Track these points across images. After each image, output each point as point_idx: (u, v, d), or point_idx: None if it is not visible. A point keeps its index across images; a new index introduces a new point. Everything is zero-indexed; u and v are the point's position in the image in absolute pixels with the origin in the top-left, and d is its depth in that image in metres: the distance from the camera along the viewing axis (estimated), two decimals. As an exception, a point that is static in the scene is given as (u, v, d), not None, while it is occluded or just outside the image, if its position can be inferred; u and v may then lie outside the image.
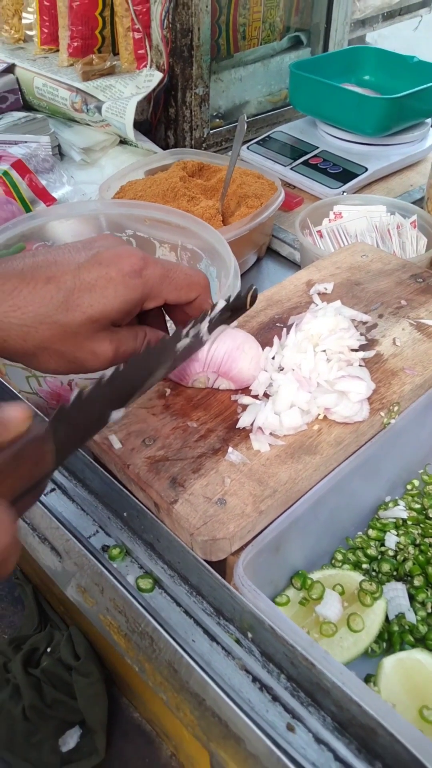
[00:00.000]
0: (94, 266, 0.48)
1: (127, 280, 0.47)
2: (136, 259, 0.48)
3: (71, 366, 0.49)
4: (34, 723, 0.73)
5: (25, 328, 0.46)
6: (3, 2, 1.30)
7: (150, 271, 0.49)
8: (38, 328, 0.46)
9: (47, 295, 0.46)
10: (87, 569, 0.49)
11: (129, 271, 0.48)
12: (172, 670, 0.44)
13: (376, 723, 0.39)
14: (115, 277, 0.47)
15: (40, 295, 0.46)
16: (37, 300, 0.46)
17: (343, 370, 0.55)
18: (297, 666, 0.43)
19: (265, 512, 0.48)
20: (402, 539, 0.59)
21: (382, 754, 0.40)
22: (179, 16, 1.04)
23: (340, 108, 1.15)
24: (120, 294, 0.47)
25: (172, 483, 0.49)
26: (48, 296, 0.46)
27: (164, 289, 0.50)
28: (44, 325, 0.46)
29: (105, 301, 0.47)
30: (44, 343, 0.47)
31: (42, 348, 0.47)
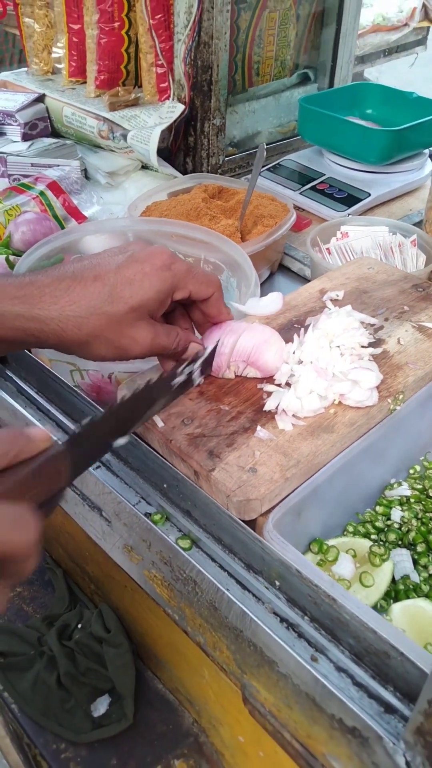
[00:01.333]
0: (132, 264, 0.57)
1: (159, 272, 0.57)
2: (165, 255, 0.58)
3: (117, 352, 0.58)
4: (68, 690, 0.79)
5: (80, 319, 0.55)
6: (34, 38, 1.41)
7: (177, 266, 0.59)
8: (90, 319, 0.56)
9: (95, 290, 0.56)
10: (136, 527, 0.56)
11: (160, 265, 0.57)
12: (212, 609, 0.52)
13: (389, 645, 0.46)
14: (149, 271, 0.57)
15: (90, 291, 0.56)
16: (88, 295, 0.56)
17: (355, 362, 0.64)
18: (320, 605, 0.50)
19: (290, 479, 0.56)
20: (406, 514, 0.66)
21: (393, 677, 0.47)
22: (201, 54, 1.15)
23: (345, 139, 1.25)
24: (154, 285, 0.57)
25: (209, 455, 0.57)
26: (96, 291, 0.56)
27: (189, 281, 0.60)
28: (95, 316, 0.56)
29: (142, 292, 0.56)
30: (95, 331, 0.56)
31: (93, 336, 0.56)
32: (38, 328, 0.55)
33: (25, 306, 0.55)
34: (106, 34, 1.26)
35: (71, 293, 0.56)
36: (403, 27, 3.04)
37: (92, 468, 0.63)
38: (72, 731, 0.78)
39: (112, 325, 0.56)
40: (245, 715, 0.61)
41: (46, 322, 0.55)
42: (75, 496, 0.63)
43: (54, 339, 0.56)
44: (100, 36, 1.26)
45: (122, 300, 0.56)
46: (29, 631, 0.85)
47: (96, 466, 0.64)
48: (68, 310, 0.55)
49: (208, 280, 0.62)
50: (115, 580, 0.77)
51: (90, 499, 0.61)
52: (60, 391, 0.69)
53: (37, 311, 0.54)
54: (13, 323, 0.55)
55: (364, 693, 0.48)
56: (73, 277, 0.57)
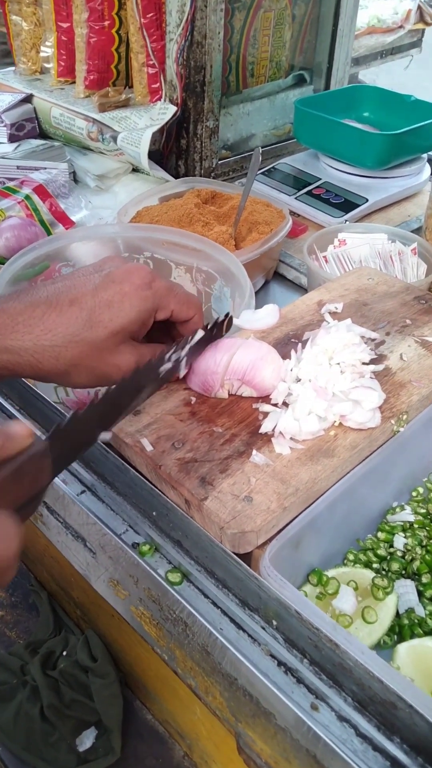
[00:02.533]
0: (109, 284, 0.53)
1: (139, 292, 0.53)
2: (144, 273, 0.55)
3: (98, 380, 0.54)
4: (52, 723, 0.75)
5: (57, 348, 0.51)
6: (21, 36, 1.36)
7: (157, 284, 0.55)
8: (68, 347, 0.51)
9: (72, 315, 0.52)
10: (122, 561, 0.52)
11: (140, 284, 0.53)
12: (204, 653, 0.48)
13: (396, 697, 0.42)
14: (129, 291, 0.53)
15: (67, 317, 0.51)
16: (64, 321, 0.51)
17: (356, 381, 0.60)
18: (320, 648, 0.46)
19: (288, 508, 0.52)
20: (410, 541, 0.63)
21: (400, 728, 0.44)
22: (193, 54, 1.11)
23: (342, 142, 1.21)
24: (135, 306, 0.53)
25: (201, 482, 0.53)
26: (73, 317, 0.52)
27: (171, 300, 0.56)
28: (73, 344, 0.51)
29: (123, 314, 0.52)
30: (74, 360, 0.52)
31: (72, 365, 0.52)
32: (11, 360, 0.51)
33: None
34: (95, 32, 1.22)
35: (46, 321, 0.51)
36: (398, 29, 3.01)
37: (76, 494, 0.59)
38: (56, 767, 0.73)
39: (92, 353, 0.52)
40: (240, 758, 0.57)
41: (20, 353, 0.51)
42: (58, 524, 0.59)
43: (30, 371, 0.52)
44: (90, 35, 1.22)
45: (101, 324, 0.52)
46: (12, 659, 0.80)
47: (81, 491, 0.60)
48: (44, 339, 0.51)
49: (189, 301, 0.58)
50: (101, 608, 0.73)
51: (73, 528, 0.57)
52: (42, 409, 0.65)
53: (9, 342, 0.50)
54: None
55: (368, 745, 0.44)
56: (48, 302, 0.52)
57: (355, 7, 1.35)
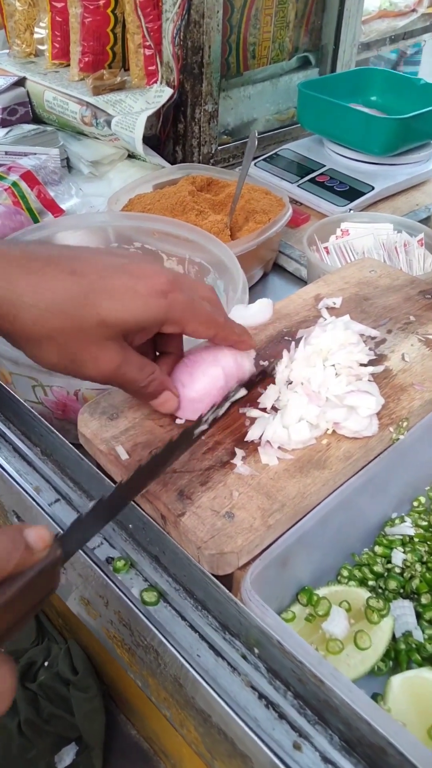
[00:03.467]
0: (122, 274, 0.47)
1: (152, 298, 0.47)
2: (165, 279, 0.48)
3: (70, 365, 0.48)
4: (29, 738, 0.71)
5: (37, 311, 0.45)
6: (15, 17, 1.31)
7: (176, 296, 0.48)
8: (51, 316, 0.46)
9: (67, 285, 0.46)
10: (92, 581, 0.48)
11: (157, 290, 0.47)
12: (177, 685, 0.43)
13: (386, 742, 0.38)
14: (141, 292, 0.47)
15: (61, 285, 0.46)
16: (56, 287, 0.46)
17: (352, 384, 0.55)
18: (305, 683, 0.42)
19: (273, 527, 0.48)
20: (409, 556, 0.58)
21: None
22: (191, 34, 1.06)
23: (347, 127, 1.16)
24: (140, 308, 0.47)
25: (179, 495, 0.49)
26: (68, 287, 0.46)
27: (185, 318, 0.49)
28: (55, 314, 0.46)
29: (123, 311, 0.46)
30: (51, 333, 0.46)
31: (48, 337, 0.46)
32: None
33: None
34: (90, 12, 1.17)
35: (38, 278, 0.45)
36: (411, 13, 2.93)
37: (49, 504, 0.55)
38: (33, 786, 0.70)
39: (73, 333, 0.46)
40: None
41: (2, 301, 0.45)
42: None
43: (6, 325, 0.46)
44: (84, 15, 1.17)
45: (95, 309, 0.46)
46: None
47: (54, 499, 0.56)
48: (27, 296, 0.45)
49: (210, 320, 0.51)
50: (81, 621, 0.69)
51: (44, 540, 0.53)
52: (17, 411, 0.61)
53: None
54: None
55: (355, 793, 0.40)
56: (48, 260, 0.47)
57: (363, -14, 1.29)
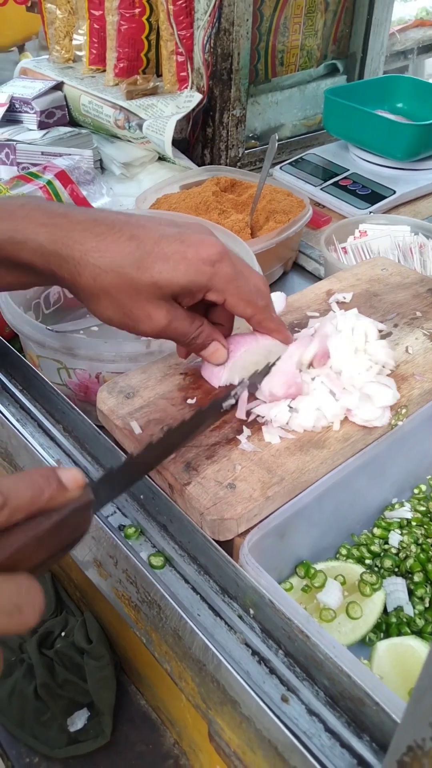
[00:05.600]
0: (175, 242, 0.52)
1: (199, 264, 0.52)
2: (215, 250, 0.52)
3: (125, 320, 0.54)
4: (44, 702, 0.75)
5: (98, 270, 0.51)
6: (55, 24, 1.38)
7: (222, 267, 0.53)
8: (108, 274, 0.51)
9: (126, 249, 0.51)
10: (104, 542, 0.52)
11: (204, 258, 0.52)
12: (176, 637, 0.47)
13: (364, 693, 0.41)
14: (190, 258, 0.52)
15: (121, 248, 0.51)
16: (117, 250, 0.51)
17: (376, 376, 0.58)
18: (293, 640, 0.45)
19: (271, 498, 0.51)
20: (405, 538, 0.61)
21: (369, 726, 0.42)
22: (220, 41, 1.10)
23: (371, 133, 1.19)
24: (189, 273, 0.52)
25: (186, 467, 0.53)
26: (127, 250, 0.51)
27: (227, 289, 0.54)
28: (114, 273, 0.51)
29: (173, 274, 0.51)
30: (109, 289, 0.52)
31: (106, 292, 0.52)
32: (57, 263, 0.51)
33: (51, 237, 0.51)
34: (126, 20, 1.23)
35: (100, 241, 0.51)
36: (449, 22, 2.94)
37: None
38: (47, 745, 0.74)
39: (129, 290, 0.52)
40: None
41: (66, 260, 0.51)
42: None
43: (68, 279, 0.52)
44: (121, 22, 1.23)
45: (149, 271, 0.51)
46: (11, 636, 0.81)
47: (73, 471, 0.61)
48: (91, 256, 0.51)
49: (250, 300, 0.55)
50: (97, 591, 0.73)
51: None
52: (43, 391, 0.66)
53: (60, 247, 0.51)
54: (33, 252, 0.51)
55: (336, 741, 0.43)
56: (110, 225, 0.52)
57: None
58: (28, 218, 0.52)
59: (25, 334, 0.69)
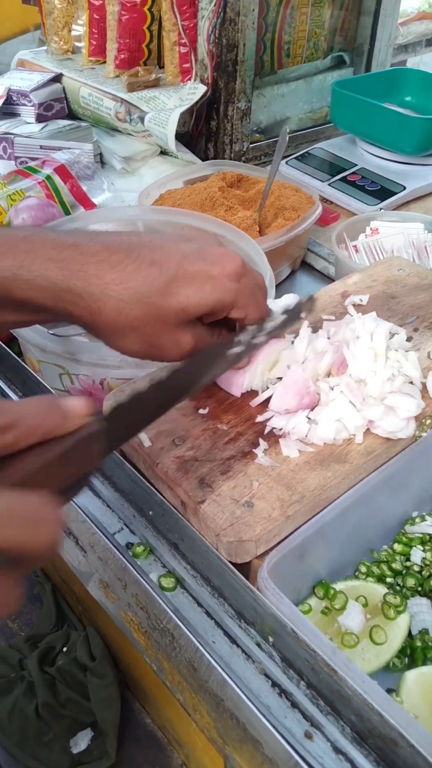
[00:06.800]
0: (198, 261, 0.49)
1: (226, 282, 0.48)
2: (237, 264, 0.49)
3: (151, 351, 0.50)
4: (46, 722, 0.72)
5: (123, 303, 0.47)
6: (54, 14, 1.33)
7: (246, 282, 0.50)
8: (134, 306, 0.47)
9: (150, 276, 0.47)
10: (111, 564, 0.49)
11: (230, 273, 0.49)
12: (191, 668, 0.44)
13: (398, 734, 0.38)
14: (216, 276, 0.48)
15: (143, 275, 0.47)
16: (139, 279, 0.47)
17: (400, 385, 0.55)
18: (318, 672, 0.42)
19: (292, 517, 0.48)
20: (428, 555, 0.58)
21: (401, 767, 0.39)
22: (226, 31, 1.06)
23: (380, 126, 1.15)
24: (215, 292, 0.48)
25: (200, 483, 0.49)
26: (150, 278, 0.47)
27: (249, 303, 0.51)
28: (140, 304, 0.47)
29: (201, 296, 0.48)
30: (135, 323, 0.48)
31: (132, 327, 0.48)
32: (72, 301, 0.47)
33: (63, 273, 0.46)
34: (127, 10, 1.18)
35: (121, 271, 0.47)
36: (451, 15, 2.90)
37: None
38: (48, 767, 0.71)
39: (157, 321, 0.48)
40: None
41: (82, 296, 0.47)
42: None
43: (87, 317, 0.48)
44: (121, 12, 1.18)
45: (176, 297, 0.47)
46: (11, 652, 0.78)
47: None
48: (112, 290, 0.47)
49: (264, 308, 0.53)
50: (100, 607, 0.70)
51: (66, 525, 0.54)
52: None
53: (75, 282, 0.46)
54: (44, 291, 0.47)
55: (366, 783, 0.40)
56: (128, 252, 0.48)
57: (400, -15, 1.28)
58: (34, 252, 0.47)
59: (24, 337, 0.65)
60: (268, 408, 0.55)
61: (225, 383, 0.57)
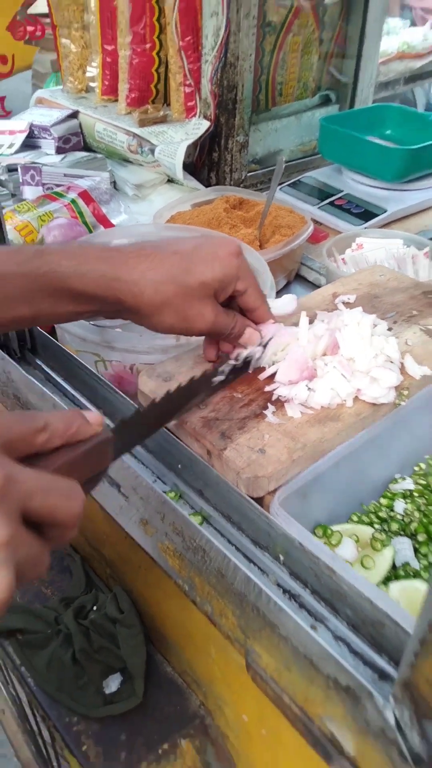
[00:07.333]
0: (206, 246, 0.64)
1: (229, 258, 0.63)
2: (236, 246, 0.65)
3: (183, 324, 0.64)
4: (82, 667, 0.82)
5: (158, 283, 0.61)
6: (69, 58, 1.48)
7: (242, 259, 0.65)
8: (167, 285, 0.61)
9: (175, 261, 0.62)
10: (152, 500, 0.60)
11: (232, 251, 0.64)
12: (219, 576, 0.55)
13: (384, 615, 0.49)
14: (221, 255, 0.63)
15: (170, 262, 0.62)
16: (167, 264, 0.62)
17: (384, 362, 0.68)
18: (320, 577, 0.53)
19: (296, 461, 0.60)
20: (409, 506, 0.69)
21: (387, 647, 0.50)
22: (226, 74, 1.21)
23: (363, 157, 1.30)
24: (223, 267, 0.63)
25: (221, 436, 0.61)
26: (175, 262, 0.62)
27: (249, 277, 0.66)
28: (170, 283, 0.61)
29: (214, 271, 0.62)
30: (169, 298, 0.62)
31: (166, 303, 0.62)
32: (119, 288, 0.60)
33: (110, 266, 0.60)
34: (138, 54, 1.33)
35: (152, 261, 0.62)
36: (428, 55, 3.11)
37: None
38: (84, 706, 0.81)
39: (184, 295, 0.62)
40: (250, 692, 0.64)
41: (127, 283, 0.60)
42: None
43: (132, 301, 0.61)
44: (132, 56, 1.33)
45: (195, 274, 0.62)
46: (47, 611, 0.89)
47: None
48: (149, 274, 0.61)
49: (260, 290, 0.68)
50: (129, 562, 0.81)
51: (109, 475, 0.66)
52: (85, 379, 0.74)
53: (120, 272, 0.60)
54: (97, 281, 0.60)
55: (359, 660, 0.51)
56: (154, 248, 0.63)
57: (378, 33, 1.44)
58: (86, 254, 0.62)
59: (68, 330, 0.77)
60: (274, 380, 0.67)
61: None
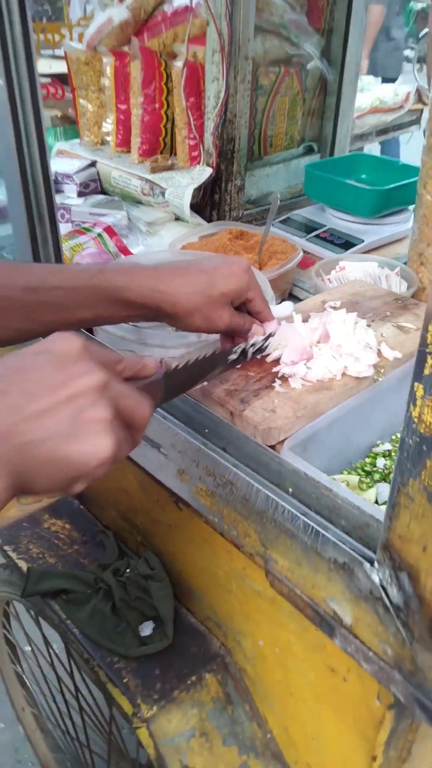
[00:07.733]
0: (224, 266, 0.82)
1: (242, 274, 0.81)
2: (245, 264, 0.83)
3: (208, 324, 0.81)
4: (120, 615, 0.98)
5: (189, 295, 0.79)
6: (87, 115, 1.71)
7: (252, 274, 0.83)
8: (196, 296, 0.79)
9: (201, 278, 0.80)
10: (189, 451, 0.78)
11: (243, 269, 0.82)
12: (244, 501, 0.72)
13: (369, 516, 0.66)
14: (236, 272, 0.81)
15: (197, 279, 0.80)
16: (196, 280, 0.80)
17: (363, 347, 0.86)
18: (320, 498, 0.70)
19: (300, 418, 0.77)
20: (388, 462, 0.87)
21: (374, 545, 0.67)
22: (226, 129, 1.43)
23: (343, 197, 1.52)
24: (238, 281, 0.81)
25: (241, 401, 0.79)
26: (202, 279, 0.80)
27: (256, 289, 0.84)
28: (199, 295, 0.79)
29: (230, 285, 0.80)
30: (197, 305, 0.79)
31: (196, 309, 0.79)
32: (161, 298, 0.78)
33: (154, 281, 0.78)
34: (148, 113, 1.56)
35: (185, 277, 0.79)
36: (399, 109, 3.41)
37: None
38: (123, 648, 0.96)
39: (209, 304, 0.79)
40: (265, 615, 0.80)
41: (167, 293, 0.78)
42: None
43: (170, 308, 0.78)
44: (144, 115, 1.56)
45: (217, 287, 0.79)
46: (86, 574, 1.04)
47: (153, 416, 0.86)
48: (182, 288, 0.79)
49: (264, 297, 0.86)
50: (160, 524, 0.97)
51: (151, 438, 0.83)
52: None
53: (161, 285, 0.78)
54: (144, 293, 0.78)
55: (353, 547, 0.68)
56: (186, 267, 0.81)
57: (353, 94, 1.68)
58: (135, 273, 0.80)
59: (109, 331, 0.95)
60: (280, 362, 0.86)
61: None
